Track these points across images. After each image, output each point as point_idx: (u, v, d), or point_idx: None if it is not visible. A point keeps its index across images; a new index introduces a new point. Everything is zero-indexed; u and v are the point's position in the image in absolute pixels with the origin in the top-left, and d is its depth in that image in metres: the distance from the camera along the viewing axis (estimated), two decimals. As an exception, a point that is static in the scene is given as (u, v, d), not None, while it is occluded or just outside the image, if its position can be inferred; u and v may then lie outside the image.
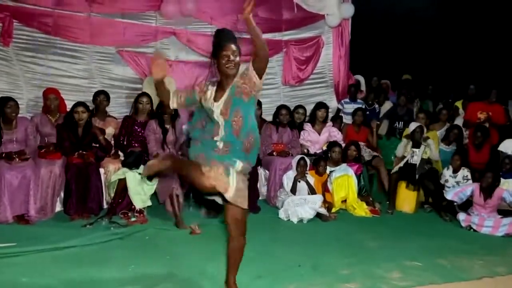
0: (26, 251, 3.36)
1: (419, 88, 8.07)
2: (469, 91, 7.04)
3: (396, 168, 5.43)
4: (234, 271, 2.73)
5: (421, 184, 5.26)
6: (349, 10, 6.76)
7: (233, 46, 2.53)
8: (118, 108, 5.58)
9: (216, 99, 2.57)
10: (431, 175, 5.31)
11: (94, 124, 4.70)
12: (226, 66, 2.51)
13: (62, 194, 4.43)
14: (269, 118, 5.90)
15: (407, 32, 9.64)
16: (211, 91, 2.60)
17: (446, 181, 5.21)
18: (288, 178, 4.93)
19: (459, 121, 6.45)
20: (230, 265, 2.72)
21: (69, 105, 4.82)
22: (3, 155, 4.18)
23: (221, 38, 2.56)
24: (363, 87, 7.43)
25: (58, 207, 4.45)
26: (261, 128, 5.52)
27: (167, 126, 4.76)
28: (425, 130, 5.56)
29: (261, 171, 5.37)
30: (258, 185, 5.20)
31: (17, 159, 4.16)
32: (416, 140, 5.36)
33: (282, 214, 4.69)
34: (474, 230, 4.64)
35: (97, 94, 5.05)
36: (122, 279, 3.02)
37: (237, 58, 2.54)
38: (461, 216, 4.78)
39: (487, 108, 6.26)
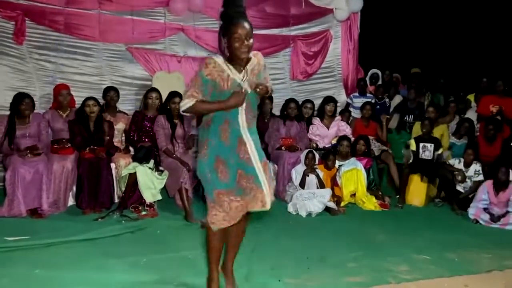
0: (39, 244, 3.44)
1: (431, 82, 8.00)
2: (481, 84, 6.96)
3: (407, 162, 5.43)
4: (232, 259, 2.72)
5: (436, 174, 5.21)
6: (357, 3, 6.73)
7: (246, 26, 2.30)
8: (127, 106, 5.64)
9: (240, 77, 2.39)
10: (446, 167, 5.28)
11: (105, 119, 4.77)
12: (241, 50, 2.32)
13: (74, 189, 4.51)
14: (277, 113, 5.92)
15: (418, 25, 9.54)
16: (228, 69, 2.38)
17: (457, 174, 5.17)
18: (296, 172, 4.95)
19: (470, 114, 6.38)
20: (229, 253, 2.70)
21: (80, 102, 4.89)
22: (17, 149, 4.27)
23: (232, 14, 2.34)
24: (380, 81, 7.40)
25: (71, 201, 4.54)
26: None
27: (176, 121, 4.81)
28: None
29: (270, 165, 5.36)
30: (267, 180, 5.22)
31: (29, 155, 4.24)
32: (426, 134, 5.33)
33: (290, 208, 4.71)
34: (481, 224, 4.60)
35: (107, 90, 5.12)
36: (134, 272, 3.06)
37: (251, 41, 2.33)
38: (471, 210, 4.74)
39: (500, 101, 6.18)
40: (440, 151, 5.34)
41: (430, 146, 5.29)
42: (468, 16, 9.52)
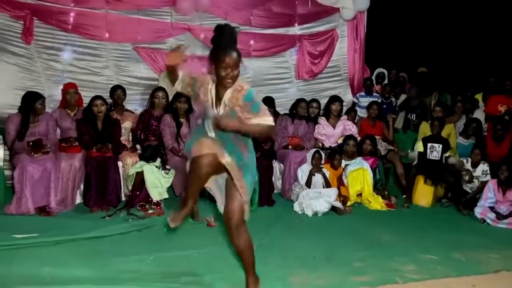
0: (47, 241, 3.47)
1: (438, 81, 7.95)
2: (489, 84, 6.91)
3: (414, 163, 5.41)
4: (250, 270, 2.66)
5: (441, 178, 5.20)
6: (364, 2, 6.71)
7: (234, 57, 2.36)
8: (134, 105, 5.68)
9: (215, 105, 2.50)
10: (452, 169, 5.25)
11: (112, 117, 4.79)
12: (226, 80, 2.39)
13: (82, 187, 4.55)
14: (281, 112, 5.92)
15: (425, 24, 9.49)
16: (211, 89, 2.51)
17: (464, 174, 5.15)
18: (302, 172, 4.95)
19: (478, 114, 6.34)
20: (244, 265, 2.67)
21: (87, 101, 4.92)
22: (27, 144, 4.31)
23: (223, 43, 2.40)
24: (386, 80, 7.38)
25: (78, 199, 4.57)
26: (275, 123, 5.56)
27: (182, 120, 4.83)
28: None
29: (276, 165, 5.40)
30: (273, 179, 5.23)
31: (35, 155, 4.27)
32: (435, 134, 5.32)
33: (297, 207, 4.71)
34: (488, 224, 4.59)
35: (115, 89, 5.14)
36: (141, 270, 3.08)
37: (236, 71, 2.39)
38: (478, 209, 4.72)
39: (508, 101, 6.14)
40: (448, 154, 5.32)
41: (438, 147, 5.27)
42: (475, 15, 9.45)
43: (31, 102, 4.38)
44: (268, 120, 2.44)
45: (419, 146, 5.39)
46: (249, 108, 2.42)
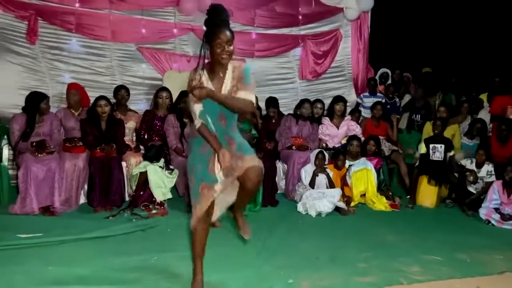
0: (51, 241, 3.48)
1: (442, 81, 7.93)
2: (494, 84, 6.88)
3: (417, 163, 5.39)
4: (241, 207, 2.85)
5: (445, 179, 5.17)
6: (368, 2, 6.70)
7: (228, 34, 2.44)
8: (138, 105, 5.68)
9: (213, 84, 2.53)
10: (459, 170, 5.23)
11: (116, 117, 4.80)
12: (221, 56, 2.45)
13: (86, 187, 4.56)
14: (285, 113, 5.91)
15: (429, 24, 9.46)
16: (205, 76, 2.53)
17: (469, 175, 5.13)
18: (306, 172, 4.94)
19: (483, 114, 6.31)
20: (238, 203, 2.78)
21: (91, 101, 4.94)
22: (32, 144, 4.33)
23: (216, 22, 2.47)
24: (389, 80, 7.37)
25: (82, 199, 4.59)
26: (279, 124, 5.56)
27: (186, 120, 4.84)
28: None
29: (280, 165, 5.39)
30: (277, 179, 5.23)
31: (39, 155, 4.28)
32: (437, 134, 5.29)
33: (300, 208, 4.70)
34: (493, 225, 4.57)
35: (118, 89, 5.15)
36: (145, 270, 3.08)
37: (231, 47, 2.47)
38: (482, 210, 4.70)
39: (513, 102, 6.12)
40: (451, 153, 5.30)
41: (440, 147, 5.25)
42: (480, 14, 9.42)
43: (36, 102, 4.40)
44: (252, 96, 2.54)
45: (422, 148, 5.37)
46: (243, 80, 2.54)
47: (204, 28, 2.53)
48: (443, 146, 5.25)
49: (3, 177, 4.48)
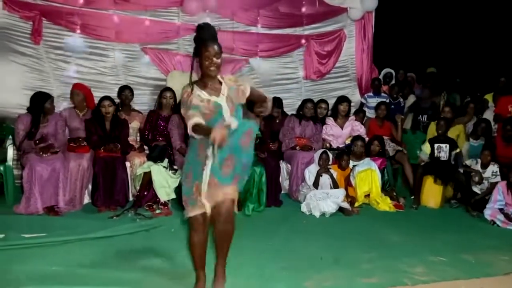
0: (55, 241, 3.49)
1: (447, 81, 7.89)
2: (499, 84, 6.83)
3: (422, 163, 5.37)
4: (221, 257, 2.72)
5: (452, 178, 5.15)
6: (372, 2, 6.68)
7: (215, 47, 2.56)
8: (142, 105, 5.68)
9: (206, 91, 2.58)
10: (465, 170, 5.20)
11: (120, 118, 4.81)
12: (209, 68, 2.56)
13: (90, 187, 4.57)
14: (289, 113, 5.90)
15: (434, 23, 9.42)
16: (199, 92, 2.58)
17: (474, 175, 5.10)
18: (310, 172, 4.93)
19: (488, 115, 6.27)
20: (217, 250, 2.72)
21: (95, 101, 4.95)
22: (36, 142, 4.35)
23: (204, 37, 2.59)
24: (393, 80, 7.34)
25: (86, 199, 4.61)
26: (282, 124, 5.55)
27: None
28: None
29: (283, 165, 5.38)
30: (280, 179, 5.22)
31: (44, 155, 4.30)
32: (441, 134, 5.27)
33: (304, 208, 4.69)
34: (498, 226, 4.54)
35: (122, 89, 5.17)
36: (148, 270, 3.09)
37: (219, 60, 2.58)
38: (487, 211, 4.67)
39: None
40: (457, 150, 5.27)
41: (445, 147, 5.23)
42: (485, 14, 9.36)
43: (41, 102, 4.42)
44: (247, 86, 2.69)
45: (427, 148, 5.34)
46: (239, 82, 2.71)
47: (193, 44, 2.64)
48: (448, 146, 5.23)
49: (8, 177, 4.50)
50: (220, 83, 2.64)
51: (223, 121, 2.53)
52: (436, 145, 5.27)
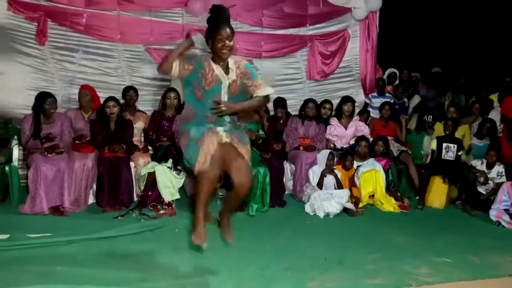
0: (60, 241, 3.49)
1: (452, 81, 7.86)
2: (504, 84, 6.80)
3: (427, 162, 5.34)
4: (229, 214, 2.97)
5: (460, 177, 5.12)
6: (376, 2, 6.66)
7: (228, 30, 2.66)
8: (146, 106, 5.69)
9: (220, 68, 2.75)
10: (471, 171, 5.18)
11: (125, 118, 4.83)
12: (222, 50, 2.68)
13: (94, 187, 4.59)
14: (293, 113, 5.89)
15: (438, 23, 9.38)
16: (209, 65, 2.76)
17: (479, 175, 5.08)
18: (314, 173, 4.92)
19: (493, 115, 6.24)
20: (227, 207, 2.92)
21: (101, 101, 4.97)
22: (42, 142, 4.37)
23: (218, 19, 2.69)
24: (397, 80, 7.32)
25: (91, 199, 4.61)
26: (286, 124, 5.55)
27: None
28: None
29: (287, 166, 5.38)
30: (284, 180, 5.21)
31: (49, 155, 4.32)
32: (449, 134, 5.24)
33: (308, 209, 4.68)
34: (503, 226, 4.51)
35: (127, 89, 5.18)
36: (152, 270, 3.09)
37: (232, 42, 2.70)
38: (493, 211, 4.65)
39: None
40: (460, 153, 5.25)
41: (453, 147, 5.20)
42: (490, 14, 9.31)
43: (41, 102, 4.44)
44: (268, 88, 2.84)
45: (433, 144, 5.32)
46: (249, 75, 2.82)
47: (206, 25, 2.73)
48: (456, 146, 5.21)
49: (13, 177, 4.53)
50: (228, 69, 2.77)
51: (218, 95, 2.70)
52: (444, 145, 5.25)
